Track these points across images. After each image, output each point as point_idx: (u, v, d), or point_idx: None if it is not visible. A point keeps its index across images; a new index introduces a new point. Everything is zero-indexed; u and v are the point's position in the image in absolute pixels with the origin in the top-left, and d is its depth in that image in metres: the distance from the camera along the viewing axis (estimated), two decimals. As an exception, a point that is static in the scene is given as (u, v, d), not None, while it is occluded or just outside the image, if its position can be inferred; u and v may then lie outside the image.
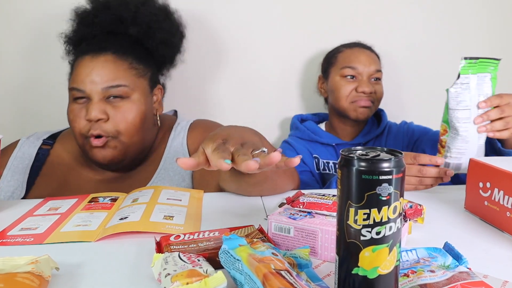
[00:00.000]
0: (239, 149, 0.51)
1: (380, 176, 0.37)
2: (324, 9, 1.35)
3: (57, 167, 0.95)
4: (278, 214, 0.57)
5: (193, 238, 0.55)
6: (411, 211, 0.59)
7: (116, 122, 0.86)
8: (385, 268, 0.39)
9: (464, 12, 1.40)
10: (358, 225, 0.39)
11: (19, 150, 0.96)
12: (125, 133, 0.87)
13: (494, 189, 0.63)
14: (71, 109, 0.88)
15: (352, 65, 1.19)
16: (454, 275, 0.44)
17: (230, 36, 1.33)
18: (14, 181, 0.91)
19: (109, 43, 0.90)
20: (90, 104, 0.85)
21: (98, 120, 0.85)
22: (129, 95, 0.88)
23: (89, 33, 0.94)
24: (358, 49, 1.23)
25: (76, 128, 0.87)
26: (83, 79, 0.86)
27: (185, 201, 0.75)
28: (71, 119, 0.88)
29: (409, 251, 0.51)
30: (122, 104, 0.87)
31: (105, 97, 0.87)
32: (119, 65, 0.88)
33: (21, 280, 0.41)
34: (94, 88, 0.85)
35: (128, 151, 0.89)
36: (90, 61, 0.87)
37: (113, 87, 0.86)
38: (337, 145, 1.23)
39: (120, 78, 0.87)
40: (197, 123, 1.02)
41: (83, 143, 0.88)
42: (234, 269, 0.43)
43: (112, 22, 0.93)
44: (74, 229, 0.63)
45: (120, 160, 0.89)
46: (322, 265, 0.52)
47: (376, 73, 1.21)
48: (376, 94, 1.21)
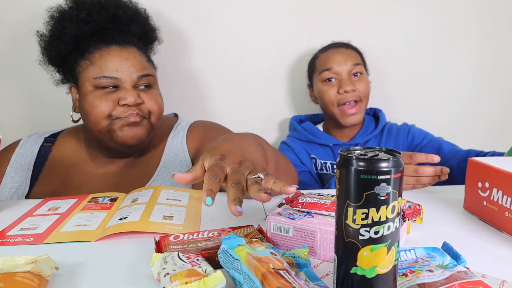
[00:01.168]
0: (236, 172, 0.52)
1: (378, 176, 0.38)
2: (322, 8, 1.35)
3: (59, 163, 0.97)
4: (277, 214, 0.57)
5: (192, 238, 0.55)
6: (410, 211, 0.59)
7: (151, 105, 0.92)
8: (383, 268, 0.39)
9: (464, 12, 1.40)
10: (357, 225, 0.39)
11: (21, 147, 0.98)
12: (155, 115, 0.93)
13: (493, 189, 0.63)
14: (95, 96, 0.89)
15: (328, 67, 1.19)
16: (452, 274, 0.44)
17: (226, 37, 1.33)
18: (18, 177, 0.94)
19: (127, 37, 0.94)
20: (126, 91, 0.89)
21: (136, 104, 0.89)
22: (153, 84, 0.95)
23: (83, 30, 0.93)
24: (332, 50, 1.22)
25: (104, 112, 0.88)
26: (117, 67, 0.89)
27: (185, 201, 0.75)
28: (95, 105, 0.88)
29: (408, 250, 0.51)
30: (151, 91, 0.94)
31: (135, 86, 0.91)
32: (143, 57, 0.95)
33: (21, 279, 0.41)
34: (129, 76, 0.90)
35: (152, 133, 0.94)
36: (121, 51, 0.91)
37: (144, 76, 0.92)
38: (334, 146, 1.23)
39: (148, 69, 0.94)
40: (196, 123, 1.05)
41: (109, 126, 0.89)
42: (233, 268, 0.43)
43: (110, 21, 0.95)
44: (74, 229, 0.63)
45: (144, 141, 0.93)
46: (321, 264, 0.52)
47: (355, 68, 1.19)
48: (360, 91, 1.18)
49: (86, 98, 0.90)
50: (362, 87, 1.19)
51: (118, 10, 0.95)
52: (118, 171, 0.97)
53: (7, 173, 0.94)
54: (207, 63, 1.34)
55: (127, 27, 0.97)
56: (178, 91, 1.34)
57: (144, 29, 1.01)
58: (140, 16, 1.01)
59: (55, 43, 0.95)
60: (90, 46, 0.92)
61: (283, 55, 1.37)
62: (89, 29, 0.93)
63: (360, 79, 1.20)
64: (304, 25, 1.35)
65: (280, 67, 1.38)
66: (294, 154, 1.23)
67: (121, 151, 0.95)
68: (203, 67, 1.34)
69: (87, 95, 0.90)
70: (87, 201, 0.76)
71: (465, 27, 1.41)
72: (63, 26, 0.93)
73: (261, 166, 0.56)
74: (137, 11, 1.01)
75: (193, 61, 1.34)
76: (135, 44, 0.95)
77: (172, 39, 1.29)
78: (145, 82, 0.92)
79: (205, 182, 0.51)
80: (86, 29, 0.93)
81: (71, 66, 0.94)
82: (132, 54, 0.92)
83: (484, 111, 1.47)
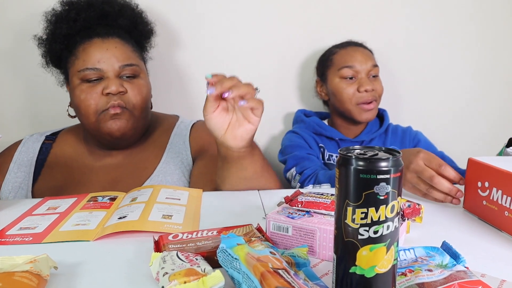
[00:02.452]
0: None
1: (378, 175, 0.37)
2: (326, 6, 1.35)
3: (60, 159, 1.00)
4: (277, 213, 0.57)
5: (191, 237, 0.55)
6: (409, 210, 0.59)
7: (134, 95, 0.92)
8: (382, 267, 0.39)
9: (463, 12, 1.40)
10: (356, 224, 0.39)
11: (23, 145, 1.02)
12: (138, 107, 0.93)
13: (493, 188, 0.63)
14: (81, 89, 0.91)
15: (350, 64, 1.19)
16: (451, 274, 0.44)
17: (228, 33, 1.33)
18: (21, 173, 0.97)
19: (110, 30, 0.95)
20: (108, 80, 0.90)
21: (118, 93, 0.90)
22: (138, 74, 0.95)
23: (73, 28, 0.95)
24: (352, 47, 1.23)
25: (91, 106, 0.90)
26: (98, 58, 0.91)
27: (184, 200, 0.75)
28: (82, 99, 0.90)
29: (407, 250, 0.51)
30: (135, 81, 0.94)
31: (119, 75, 0.92)
32: (127, 47, 0.95)
33: (19, 279, 0.41)
34: (111, 66, 0.91)
35: (137, 126, 0.95)
36: (102, 43, 0.92)
37: (127, 65, 0.93)
38: (340, 140, 1.24)
39: (131, 58, 0.94)
40: (200, 123, 1.07)
41: (97, 119, 0.91)
42: (232, 268, 0.43)
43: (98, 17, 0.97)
44: (73, 228, 0.63)
45: (129, 134, 0.94)
46: (320, 264, 0.52)
47: (374, 69, 1.21)
48: (377, 91, 1.21)
49: (74, 92, 0.92)
50: (379, 87, 1.22)
51: (105, 6, 0.97)
52: (117, 163, 0.99)
53: (10, 169, 0.98)
54: (206, 61, 1.34)
55: (115, 21, 0.98)
56: (178, 90, 1.33)
57: (135, 22, 1.02)
58: (129, 10, 1.02)
59: (50, 44, 0.98)
60: (76, 42, 0.94)
61: (283, 53, 1.36)
62: (78, 27, 0.95)
63: (376, 80, 1.23)
64: (303, 24, 1.35)
65: (280, 65, 1.37)
66: (302, 139, 1.23)
67: (113, 143, 0.96)
68: (202, 64, 1.34)
69: (75, 89, 0.92)
70: (87, 200, 0.76)
71: (465, 26, 1.41)
72: (55, 27, 0.97)
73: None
74: (126, 5, 1.02)
75: (191, 58, 1.33)
76: (118, 35, 0.95)
77: (172, 36, 1.29)
78: (129, 72, 0.93)
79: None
80: (76, 27, 0.95)
81: (65, 65, 0.97)
82: (113, 44, 0.93)
83: (486, 109, 1.47)
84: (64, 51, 0.96)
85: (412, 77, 1.42)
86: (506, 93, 1.46)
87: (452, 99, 1.45)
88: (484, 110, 1.47)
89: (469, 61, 1.43)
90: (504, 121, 1.48)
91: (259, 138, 1.39)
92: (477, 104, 1.46)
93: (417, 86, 1.43)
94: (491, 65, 1.44)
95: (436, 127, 1.45)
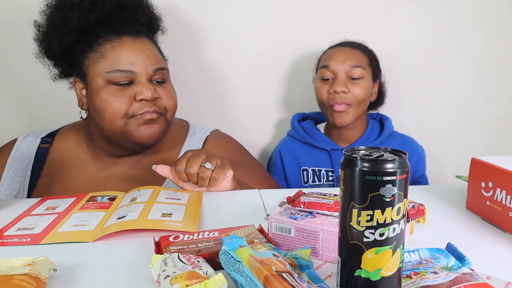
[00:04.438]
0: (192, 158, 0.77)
1: (384, 177, 0.37)
2: (325, 7, 1.34)
3: (59, 166, 0.92)
4: (279, 213, 0.56)
5: (193, 239, 0.54)
6: (413, 211, 0.58)
7: (167, 100, 0.88)
8: (388, 270, 0.38)
9: (462, 12, 1.39)
10: (361, 227, 0.38)
11: (17, 150, 0.93)
12: (171, 111, 0.90)
13: (497, 188, 0.62)
14: (108, 92, 0.83)
15: (326, 64, 1.15)
16: (457, 276, 0.43)
17: (226, 35, 1.32)
18: (15, 183, 0.89)
19: (138, 27, 0.89)
20: (141, 85, 0.84)
21: (153, 99, 0.85)
22: (166, 78, 0.91)
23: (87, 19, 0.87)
24: (337, 48, 1.18)
25: (121, 110, 0.83)
26: (132, 60, 0.84)
27: (184, 200, 0.74)
28: (110, 102, 0.83)
29: (412, 252, 0.50)
30: (166, 85, 0.90)
31: (150, 80, 0.86)
32: (155, 48, 0.90)
33: (18, 282, 0.41)
34: (145, 69, 0.85)
35: (166, 131, 0.91)
36: (134, 42, 0.85)
37: (159, 69, 0.88)
38: (332, 150, 1.19)
39: (161, 62, 0.89)
40: (214, 135, 1.01)
41: (125, 123, 0.84)
42: (235, 270, 0.42)
43: (115, 9, 0.90)
44: (72, 229, 0.62)
45: (159, 139, 0.89)
46: (323, 266, 0.52)
47: (353, 70, 1.12)
48: (353, 95, 1.12)
49: (98, 94, 0.84)
50: (357, 91, 1.12)
51: None
52: (122, 174, 0.92)
53: (3, 179, 0.89)
54: (206, 62, 1.33)
55: (134, 15, 0.91)
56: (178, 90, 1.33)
57: (149, 17, 0.96)
58: (144, 4, 0.95)
59: (55, 34, 0.87)
60: (98, 37, 0.86)
61: (283, 53, 1.35)
62: (94, 18, 0.87)
63: (357, 83, 1.13)
64: (302, 24, 1.34)
65: (280, 65, 1.36)
66: (281, 164, 1.24)
67: (134, 150, 0.91)
68: (201, 65, 1.33)
69: (100, 91, 0.84)
70: (86, 200, 0.75)
71: (467, 28, 1.39)
72: (64, 15, 0.86)
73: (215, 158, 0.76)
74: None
75: (190, 60, 1.32)
76: (146, 34, 0.90)
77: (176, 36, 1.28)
78: (159, 77, 0.88)
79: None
80: (91, 19, 0.87)
81: (76, 59, 0.89)
82: (145, 45, 0.87)
83: (488, 110, 1.46)
84: (79, 44, 0.87)
85: (413, 79, 1.41)
86: (508, 94, 1.46)
87: (454, 100, 1.44)
88: (486, 111, 1.46)
89: (471, 62, 1.42)
90: (507, 122, 1.48)
91: (259, 138, 1.39)
92: (479, 105, 1.45)
93: (418, 88, 1.42)
94: (493, 65, 1.43)
95: (437, 128, 1.44)
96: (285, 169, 1.23)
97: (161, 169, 0.78)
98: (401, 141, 1.23)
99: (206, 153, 0.78)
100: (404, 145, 1.22)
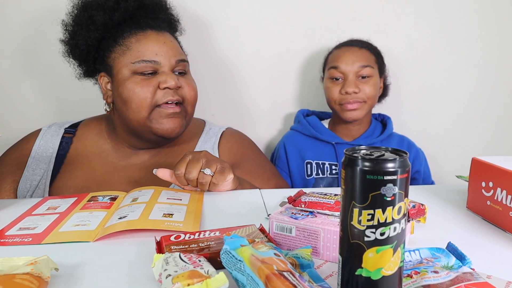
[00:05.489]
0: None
1: (385, 177, 0.37)
2: (331, 6, 1.34)
3: (81, 155, 0.96)
4: (280, 213, 0.57)
5: (194, 238, 0.54)
6: (414, 211, 0.58)
7: (188, 90, 0.93)
8: (389, 269, 0.39)
9: (462, 11, 1.39)
10: (362, 226, 0.38)
11: (42, 138, 0.97)
12: (193, 102, 0.94)
13: (497, 188, 0.62)
14: (134, 82, 0.88)
15: (335, 65, 1.18)
16: (458, 275, 0.44)
17: (230, 33, 1.32)
18: (39, 169, 0.93)
19: (161, 23, 0.95)
20: (165, 74, 0.89)
21: (176, 87, 0.89)
22: (187, 71, 0.96)
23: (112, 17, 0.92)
24: (345, 48, 1.21)
25: (147, 99, 0.87)
26: (156, 51, 0.89)
27: (186, 200, 0.74)
28: (137, 91, 0.87)
29: (412, 251, 0.50)
30: (187, 77, 0.95)
31: (173, 70, 0.91)
32: (177, 42, 0.95)
33: (20, 281, 0.41)
34: (168, 60, 0.90)
35: (187, 125, 0.95)
36: (158, 35, 0.91)
37: (181, 61, 0.93)
38: (336, 144, 1.22)
39: (183, 54, 0.95)
40: (229, 132, 1.06)
41: (150, 114, 0.89)
42: (236, 270, 0.42)
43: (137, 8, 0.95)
44: (73, 229, 0.63)
45: (180, 133, 0.93)
46: (324, 265, 0.52)
47: (363, 70, 1.16)
48: (365, 93, 1.17)
49: (124, 84, 0.88)
50: (368, 89, 1.17)
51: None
52: (141, 163, 0.96)
53: (28, 164, 0.93)
54: (211, 56, 1.33)
55: (155, 14, 0.97)
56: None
57: (169, 18, 1.02)
58: (164, 5, 1.02)
59: (82, 31, 0.93)
60: (124, 31, 0.91)
61: (285, 52, 1.36)
62: (119, 16, 0.92)
63: (367, 81, 1.17)
64: (304, 23, 1.34)
65: (281, 64, 1.37)
66: (285, 156, 1.25)
67: (155, 142, 0.95)
68: (202, 65, 1.33)
69: (126, 81, 0.88)
70: (87, 200, 0.75)
71: (468, 27, 1.40)
72: (90, 14, 0.92)
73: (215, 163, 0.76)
74: (162, 0, 1.01)
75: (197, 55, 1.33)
76: (167, 29, 0.96)
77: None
78: (181, 68, 0.93)
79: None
80: (116, 17, 0.92)
81: (102, 54, 0.93)
82: (168, 38, 0.93)
83: (488, 110, 1.46)
84: (104, 40, 0.93)
85: (413, 79, 1.41)
86: (509, 94, 1.46)
87: (454, 100, 1.44)
88: (486, 111, 1.46)
89: (471, 62, 1.42)
90: (507, 122, 1.48)
91: (259, 137, 1.39)
92: (480, 105, 1.45)
93: (418, 88, 1.42)
94: (493, 65, 1.43)
95: (437, 128, 1.45)
96: (289, 163, 1.25)
97: (161, 173, 0.79)
98: (398, 140, 1.27)
99: (206, 157, 0.78)
100: (402, 145, 1.26)
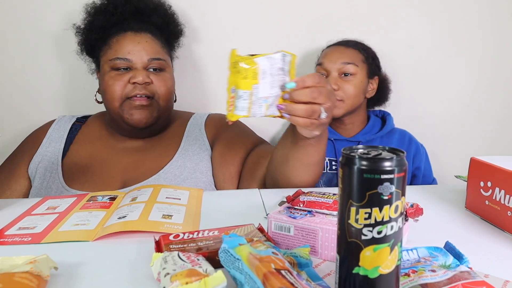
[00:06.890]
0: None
1: (381, 175, 0.37)
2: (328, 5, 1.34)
3: (87, 138, 1.09)
4: (278, 212, 0.57)
5: (193, 237, 0.55)
6: (412, 210, 0.59)
7: (159, 86, 1.00)
8: (386, 268, 0.39)
9: (462, 11, 1.40)
10: (359, 224, 0.38)
11: (57, 123, 1.12)
12: (163, 97, 1.01)
13: (495, 188, 0.63)
14: (109, 76, 0.99)
15: (320, 61, 1.21)
16: (455, 274, 0.44)
17: (229, 30, 1.33)
18: (52, 147, 1.06)
19: (143, 25, 1.04)
20: (136, 71, 0.98)
21: (144, 83, 0.98)
22: (165, 68, 1.03)
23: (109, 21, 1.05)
24: (333, 47, 1.23)
25: (117, 91, 0.98)
26: (130, 50, 0.99)
27: (184, 200, 0.74)
28: (110, 84, 0.98)
29: (410, 250, 0.50)
30: (161, 74, 1.02)
31: (146, 68, 1.00)
32: (156, 43, 1.03)
33: (20, 280, 0.41)
34: (140, 58, 0.99)
35: (160, 116, 1.02)
36: (134, 36, 1.01)
37: (155, 59, 1.01)
38: (335, 140, 1.23)
39: (159, 53, 1.02)
40: (213, 115, 1.15)
41: (121, 106, 0.98)
42: (234, 268, 0.43)
43: (133, 12, 1.06)
44: (72, 228, 0.63)
45: (151, 124, 1.01)
46: (322, 264, 0.52)
47: (344, 67, 1.16)
48: (343, 91, 1.16)
49: (103, 78, 1.01)
50: (347, 87, 1.17)
51: (140, 3, 1.06)
52: (137, 147, 1.06)
53: (43, 143, 1.06)
54: (209, 55, 1.34)
55: (148, 17, 1.07)
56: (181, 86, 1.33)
57: (167, 22, 1.11)
58: (163, 10, 1.11)
59: (86, 34, 1.07)
60: (111, 34, 1.03)
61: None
62: (114, 20, 1.04)
63: (349, 80, 1.17)
64: (308, 23, 1.35)
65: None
66: None
67: (134, 133, 1.04)
68: (201, 64, 1.33)
69: (105, 75, 1.00)
70: (86, 200, 0.76)
71: (467, 27, 1.40)
72: (93, 18, 1.06)
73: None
74: (160, 5, 1.11)
75: (193, 57, 1.33)
76: (150, 31, 1.04)
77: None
78: (156, 65, 1.01)
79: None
80: (111, 20, 1.04)
81: (98, 53, 1.06)
82: (144, 38, 1.01)
83: (486, 111, 1.46)
84: (99, 41, 1.05)
85: (413, 79, 1.42)
86: (508, 94, 1.46)
87: (454, 100, 1.44)
88: (486, 111, 1.46)
89: (470, 62, 1.43)
90: (507, 122, 1.48)
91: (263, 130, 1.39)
92: (479, 105, 1.46)
93: (418, 87, 1.42)
94: (493, 65, 1.43)
95: (437, 127, 1.45)
96: None
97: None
98: (399, 136, 1.26)
99: (331, 92, 0.67)
100: (403, 140, 1.26)
